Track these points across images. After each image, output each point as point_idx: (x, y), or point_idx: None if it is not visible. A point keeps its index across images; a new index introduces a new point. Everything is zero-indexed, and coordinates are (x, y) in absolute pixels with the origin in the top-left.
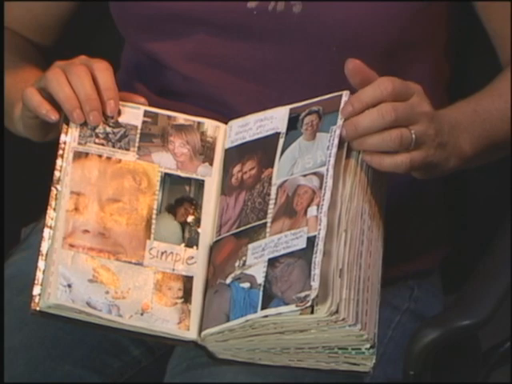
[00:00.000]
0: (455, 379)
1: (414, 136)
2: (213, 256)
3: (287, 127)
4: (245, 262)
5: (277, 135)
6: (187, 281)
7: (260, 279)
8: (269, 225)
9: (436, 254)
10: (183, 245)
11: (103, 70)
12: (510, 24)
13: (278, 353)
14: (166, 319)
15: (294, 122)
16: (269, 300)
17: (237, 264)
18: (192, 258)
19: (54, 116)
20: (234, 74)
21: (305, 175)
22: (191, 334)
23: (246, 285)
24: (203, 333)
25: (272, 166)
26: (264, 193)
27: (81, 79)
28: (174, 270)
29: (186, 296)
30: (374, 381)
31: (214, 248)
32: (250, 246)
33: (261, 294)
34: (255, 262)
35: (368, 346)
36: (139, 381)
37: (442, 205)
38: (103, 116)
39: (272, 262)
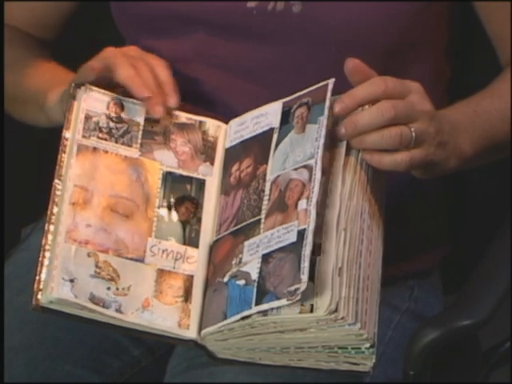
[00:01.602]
0: (455, 379)
1: (413, 134)
2: (212, 255)
3: (280, 122)
4: (241, 259)
5: (271, 131)
6: (187, 280)
7: (254, 275)
8: (263, 221)
9: (436, 254)
10: (184, 244)
11: (162, 67)
12: (510, 25)
13: (278, 352)
14: (167, 318)
15: (286, 116)
16: (262, 296)
17: (234, 262)
18: (192, 257)
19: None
20: (234, 74)
21: (296, 169)
22: (191, 333)
23: (242, 282)
24: (202, 332)
25: (267, 162)
26: (259, 189)
27: (144, 71)
28: (174, 268)
29: (186, 295)
30: (374, 381)
31: (213, 247)
32: (246, 243)
33: (255, 290)
34: (250, 259)
35: (368, 345)
36: (139, 381)
37: (441, 204)
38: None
39: (265, 258)
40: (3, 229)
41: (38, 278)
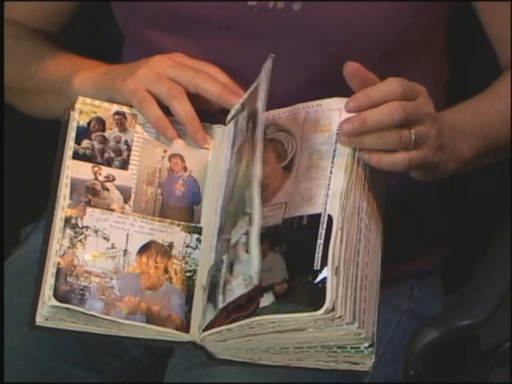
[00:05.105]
0: (455, 379)
1: (413, 136)
2: None
3: None
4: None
5: None
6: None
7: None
8: None
9: (436, 254)
10: None
11: (220, 72)
12: (510, 27)
13: (277, 352)
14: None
15: None
16: None
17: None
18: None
19: (171, 134)
20: (234, 72)
21: None
22: (190, 336)
23: None
24: (202, 333)
25: None
26: None
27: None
28: None
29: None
30: (374, 381)
31: None
32: None
33: None
34: None
35: (367, 344)
36: (139, 381)
37: (442, 204)
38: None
39: None
40: (3, 229)
41: (33, 298)
